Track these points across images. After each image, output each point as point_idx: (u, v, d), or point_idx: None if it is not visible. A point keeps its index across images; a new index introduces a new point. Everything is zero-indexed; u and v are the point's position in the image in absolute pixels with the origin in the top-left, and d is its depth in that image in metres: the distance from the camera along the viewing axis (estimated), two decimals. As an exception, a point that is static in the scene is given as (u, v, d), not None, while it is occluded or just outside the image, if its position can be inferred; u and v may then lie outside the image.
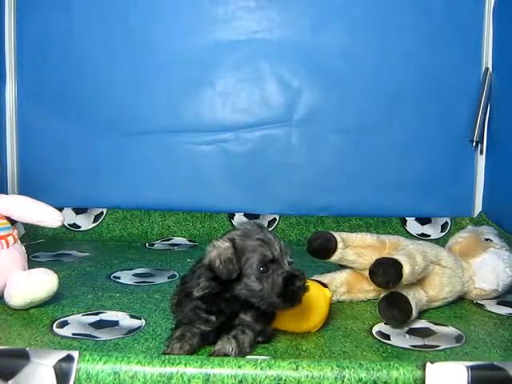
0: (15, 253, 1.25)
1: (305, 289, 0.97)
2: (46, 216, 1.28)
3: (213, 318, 0.99)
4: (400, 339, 1.07)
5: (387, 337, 1.08)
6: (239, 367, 0.79)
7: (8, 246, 1.23)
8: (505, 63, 1.89)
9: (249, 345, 0.97)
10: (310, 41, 2.02)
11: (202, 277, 0.99)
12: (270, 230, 1.05)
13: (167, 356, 0.81)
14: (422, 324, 1.16)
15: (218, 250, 0.97)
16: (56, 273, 1.22)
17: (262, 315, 1.00)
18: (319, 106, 2.04)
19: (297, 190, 2.06)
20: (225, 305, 0.98)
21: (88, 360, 0.79)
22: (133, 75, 2.05)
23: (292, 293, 0.96)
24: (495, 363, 0.80)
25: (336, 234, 1.27)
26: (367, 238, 1.30)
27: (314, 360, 0.81)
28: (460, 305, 1.30)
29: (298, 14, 2.02)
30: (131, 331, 1.08)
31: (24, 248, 1.31)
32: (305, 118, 2.04)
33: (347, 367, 0.79)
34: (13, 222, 1.30)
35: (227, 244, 0.97)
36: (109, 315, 1.18)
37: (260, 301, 0.96)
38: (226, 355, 0.92)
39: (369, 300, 1.31)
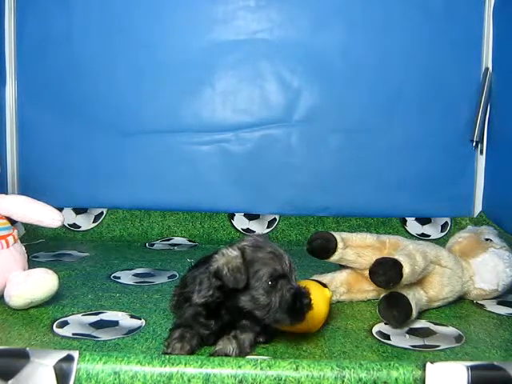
0: (15, 253, 1.25)
1: (310, 307, 0.96)
2: (46, 216, 1.28)
3: (212, 322, 0.98)
4: (400, 339, 1.07)
5: (387, 337, 1.08)
6: (239, 367, 0.79)
7: (8, 246, 1.23)
8: (505, 63, 1.89)
9: (249, 345, 0.97)
10: (310, 41, 2.02)
11: (205, 283, 0.98)
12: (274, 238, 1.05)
13: (167, 356, 0.81)
14: (421, 324, 1.16)
15: (227, 258, 0.96)
16: (56, 273, 1.22)
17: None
18: (319, 106, 2.04)
19: (297, 190, 2.06)
20: (225, 313, 0.98)
21: (88, 360, 0.79)
22: (133, 75, 2.05)
23: (299, 310, 0.95)
24: (495, 363, 0.80)
25: (336, 234, 1.27)
26: (367, 238, 1.30)
27: (313, 360, 0.81)
28: (460, 305, 1.30)
29: (297, 14, 2.02)
30: (131, 331, 1.08)
31: (24, 248, 1.31)
32: (305, 118, 2.04)
33: (347, 367, 0.79)
34: (13, 222, 1.30)
35: (236, 253, 0.96)
36: (109, 315, 1.17)
37: (265, 314, 0.96)
38: (226, 355, 0.92)
39: (369, 300, 1.31)
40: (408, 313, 1.12)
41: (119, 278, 1.49)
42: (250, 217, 2.05)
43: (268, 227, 2.02)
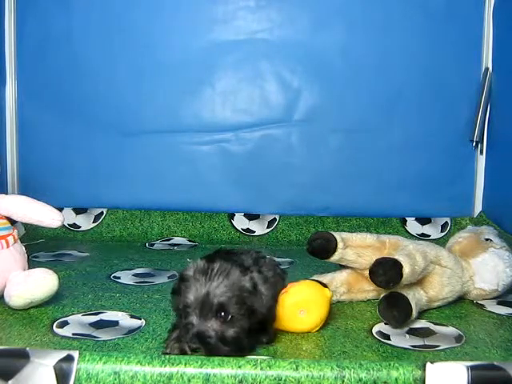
0: (15, 253, 1.25)
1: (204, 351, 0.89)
2: (46, 216, 1.28)
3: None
4: (400, 339, 1.07)
5: (387, 337, 1.08)
6: (239, 367, 0.79)
7: (8, 246, 1.23)
8: (505, 63, 1.89)
9: (247, 344, 0.97)
10: (309, 41, 2.02)
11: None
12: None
13: (167, 356, 0.81)
14: (421, 324, 1.16)
15: (191, 264, 0.98)
16: (56, 273, 1.22)
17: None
18: (319, 105, 2.04)
19: (297, 190, 2.06)
20: None
21: (88, 360, 0.79)
22: (133, 75, 2.05)
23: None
24: (495, 363, 0.80)
25: (336, 234, 1.27)
26: (367, 238, 1.30)
27: (313, 360, 0.81)
28: (460, 305, 1.30)
29: (297, 14, 2.02)
30: (131, 331, 1.08)
31: (24, 248, 1.31)
32: (305, 118, 2.04)
33: (347, 367, 0.79)
34: (13, 222, 1.30)
35: (192, 267, 0.98)
36: (109, 315, 1.17)
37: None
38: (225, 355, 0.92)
39: (369, 300, 1.31)
40: (408, 313, 1.12)
41: (119, 278, 1.48)
42: (250, 217, 2.05)
43: (268, 227, 2.02)
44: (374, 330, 1.12)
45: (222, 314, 0.91)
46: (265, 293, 0.98)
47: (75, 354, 0.79)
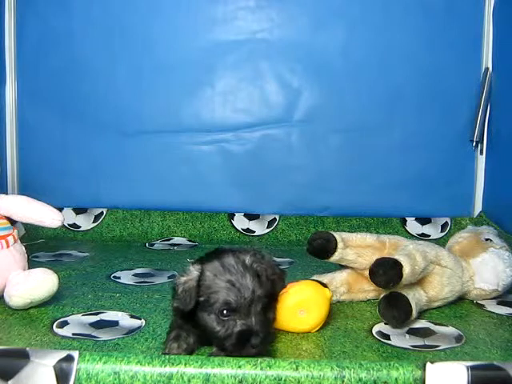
0: (15, 253, 1.25)
1: (257, 348, 0.91)
2: (46, 216, 1.28)
3: (189, 326, 0.98)
4: (400, 339, 1.07)
5: (387, 337, 1.08)
6: (239, 367, 0.79)
7: (8, 246, 1.23)
8: (505, 63, 1.89)
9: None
10: (309, 41, 2.02)
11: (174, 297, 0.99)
12: (261, 265, 1.01)
13: (167, 356, 0.81)
14: (421, 324, 1.16)
15: (187, 277, 0.97)
16: (56, 273, 1.22)
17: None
18: (319, 105, 2.04)
19: (297, 190, 2.06)
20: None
21: (88, 360, 0.79)
22: (133, 75, 2.05)
23: (243, 348, 0.91)
24: (495, 363, 0.80)
25: (336, 234, 1.27)
26: (367, 238, 1.30)
27: (313, 360, 0.81)
28: (460, 305, 1.30)
29: (298, 14, 2.02)
30: (131, 331, 1.08)
31: (24, 248, 1.31)
32: (305, 118, 2.04)
33: (347, 367, 0.79)
34: (13, 222, 1.30)
35: (195, 274, 0.97)
36: (109, 315, 1.18)
37: (214, 339, 0.96)
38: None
39: (369, 300, 1.31)
40: (408, 313, 1.12)
41: (119, 278, 1.49)
42: (250, 217, 2.05)
43: (268, 227, 2.02)
44: (374, 330, 1.12)
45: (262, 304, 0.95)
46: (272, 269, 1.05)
47: (75, 354, 0.79)
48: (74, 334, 1.06)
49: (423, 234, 1.99)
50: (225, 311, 0.93)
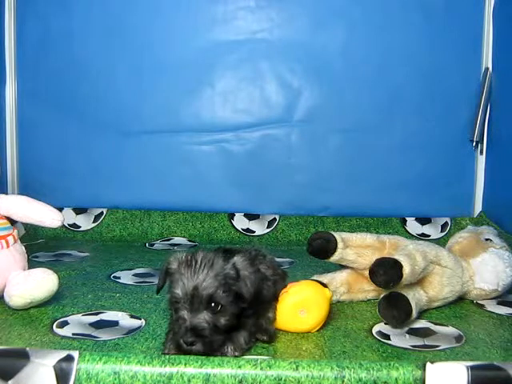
0: (15, 253, 1.25)
1: (192, 346, 0.89)
2: (46, 216, 1.28)
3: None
4: (400, 339, 1.07)
5: (387, 337, 1.08)
6: (239, 367, 0.79)
7: (8, 246, 1.23)
8: (505, 63, 1.89)
9: (244, 342, 0.97)
10: (309, 41, 2.02)
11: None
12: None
13: (167, 356, 0.81)
14: (421, 324, 1.16)
15: (173, 257, 0.99)
16: (56, 273, 1.22)
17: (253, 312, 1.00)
18: (319, 105, 2.04)
19: (297, 190, 2.06)
20: None
21: (88, 360, 0.79)
22: (133, 75, 2.05)
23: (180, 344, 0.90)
24: (495, 363, 0.80)
25: (336, 234, 1.27)
26: (367, 238, 1.30)
27: (313, 360, 0.81)
28: (460, 305, 1.30)
29: (297, 14, 2.02)
30: (131, 331, 1.08)
31: (24, 248, 1.31)
32: (305, 118, 2.04)
33: (347, 367, 0.79)
34: (13, 222, 1.30)
35: (177, 259, 0.98)
36: (109, 315, 1.18)
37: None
38: (223, 354, 0.92)
39: (369, 300, 1.31)
40: (408, 313, 1.12)
41: (119, 278, 1.48)
42: (250, 217, 2.05)
43: (268, 227, 2.02)
44: (374, 330, 1.12)
45: (212, 305, 0.92)
46: (248, 276, 0.97)
47: (75, 354, 0.79)
48: (73, 334, 1.06)
49: (423, 234, 1.99)
50: (175, 302, 0.94)
